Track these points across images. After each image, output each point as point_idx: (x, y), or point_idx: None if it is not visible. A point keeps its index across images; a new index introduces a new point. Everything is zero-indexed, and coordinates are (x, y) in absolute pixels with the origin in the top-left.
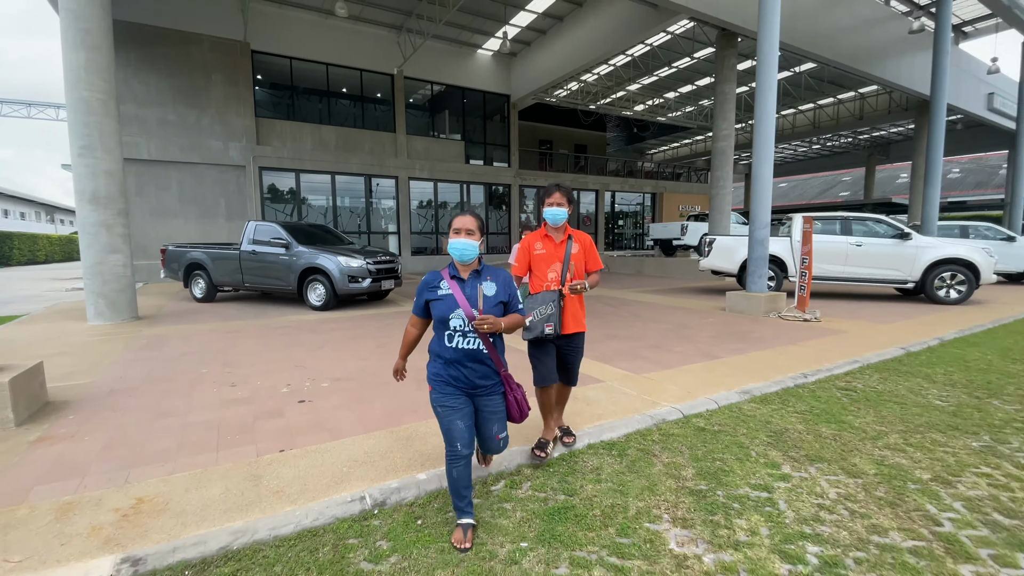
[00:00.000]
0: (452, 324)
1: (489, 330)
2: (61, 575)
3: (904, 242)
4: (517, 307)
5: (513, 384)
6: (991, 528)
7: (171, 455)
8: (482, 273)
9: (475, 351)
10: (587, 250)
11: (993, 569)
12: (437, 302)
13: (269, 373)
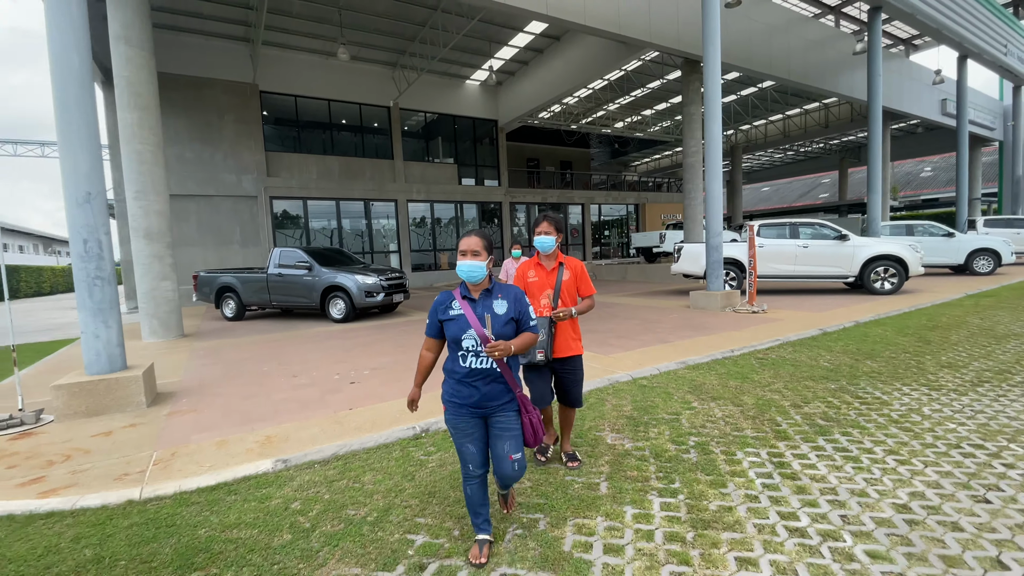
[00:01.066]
0: (465, 344)
1: (501, 355)
2: (243, 469)
3: (844, 243)
4: (529, 324)
5: (529, 406)
6: (810, 425)
7: (273, 416)
8: (493, 291)
9: (488, 371)
10: (579, 276)
11: (797, 442)
12: (450, 323)
13: (319, 367)
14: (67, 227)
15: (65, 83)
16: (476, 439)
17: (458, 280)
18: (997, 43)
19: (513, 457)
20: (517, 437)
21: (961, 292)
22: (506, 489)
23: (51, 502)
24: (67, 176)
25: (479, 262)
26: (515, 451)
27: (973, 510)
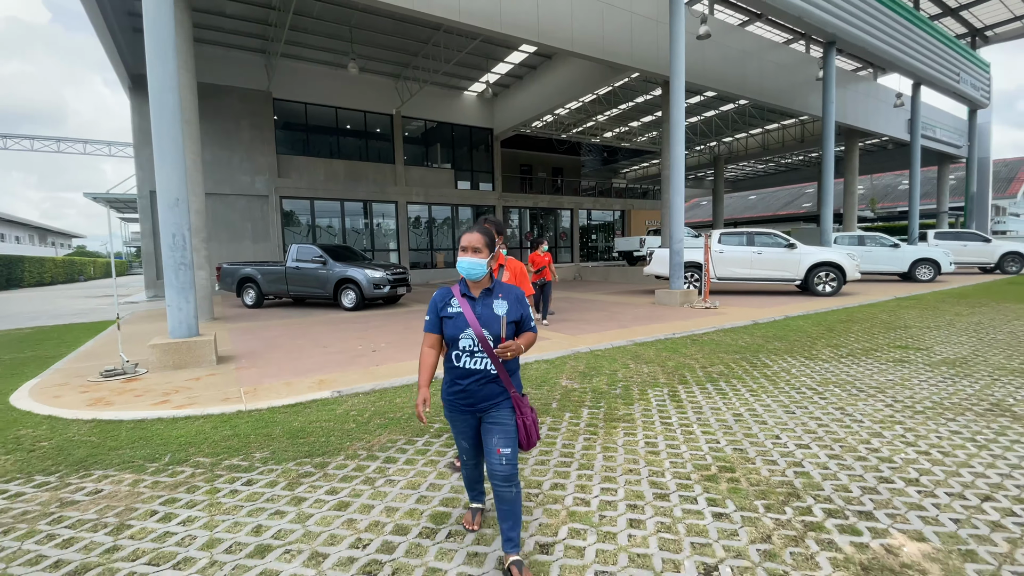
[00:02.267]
0: (461, 344)
1: (512, 356)
2: (311, 396)
3: (792, 250)
4: (530, 325)
5: (524, 407)
6: (706, 377)
7: (319, 370)
8: (494, 291)
9: (483, 371)
10: (518, 277)
11: (691, 386)
12: (448, 320)
13: (343, 341)
14: (160, 224)
15: (161, 116)
16: (469, 437)
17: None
18: (950, 72)
19: (501, 451)
20: (507, 432)
21: (892, 296)
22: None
23: (185, 411)
24: (161, 185)
25: (480, 259)
26: (504, 446)
27: (783, 417)
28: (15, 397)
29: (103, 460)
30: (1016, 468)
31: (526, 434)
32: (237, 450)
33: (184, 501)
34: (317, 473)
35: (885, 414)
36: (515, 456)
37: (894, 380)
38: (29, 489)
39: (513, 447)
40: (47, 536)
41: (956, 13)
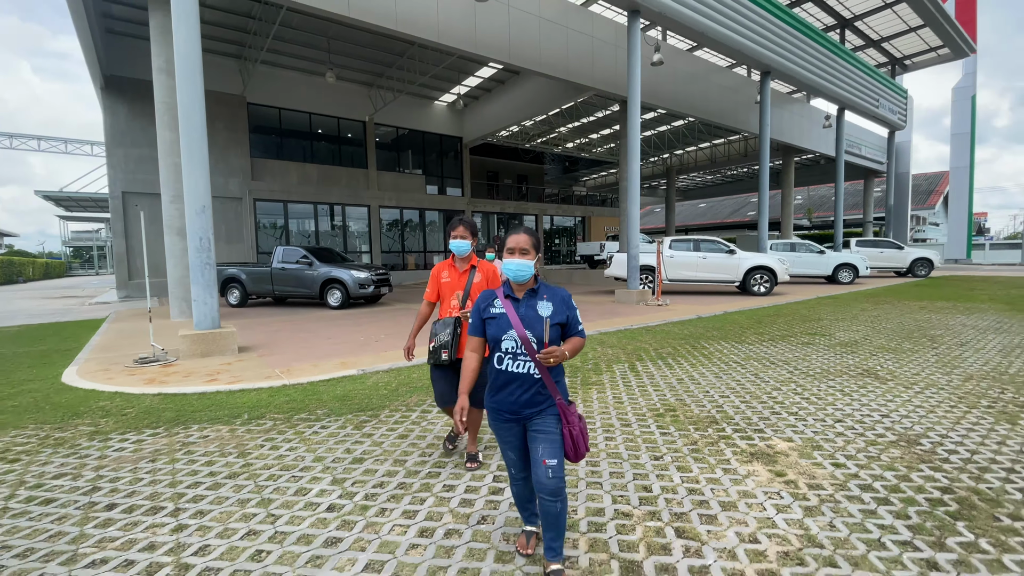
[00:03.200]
0: (504, 346)
1: (556, 362)
2: (339, 373)
3: (732, 255)
4: (578, 328)
5: (571, 416)
6: (659, 357)
7: (334, 356)
8: (538, 292)
9: (526, 375)
10: (490, 280)
11: (647, 363)
12: (491, 321)
13: (343, 334)
14: (188, 229)
15: (190, 134)
16: (515, 447)
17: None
18: (869, 98)
19: (547, 462)
20: (553, 442)
21: (815, 295)
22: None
23: (238, 385)
24: (189, 193)
25: (528, 261)
26: (550, 456)
27: (713, 380)
28: (67, 379)
29: (192, 419)
30: (865, 406)
31: (573, 445)
32: (300, 409)
33: (280, 439)
34: (373, 420)
35: (786, 377)
36: (562, 468)
37: (798, 356)
38: (147, 437)
39: (559, 458)
40: (189, 460)
41: (878, 44)
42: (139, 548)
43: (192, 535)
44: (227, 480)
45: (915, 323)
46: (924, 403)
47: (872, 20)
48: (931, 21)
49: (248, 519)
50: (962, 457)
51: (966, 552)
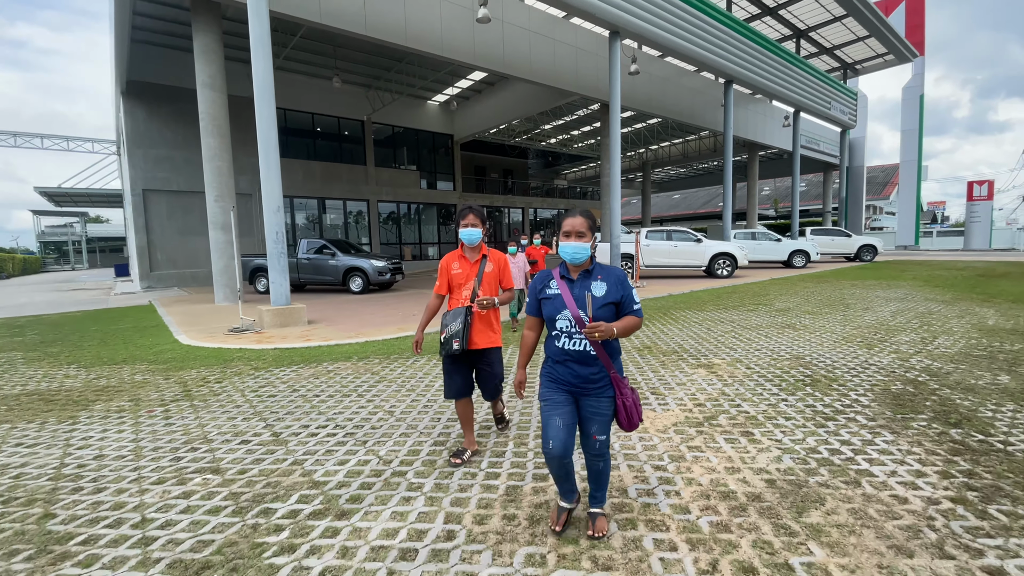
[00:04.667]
0: (559, 325)
1: (601, 337)
2: (401, 334)
3: (699, 244)
4: (632, 308)
5: (624, 388)
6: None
7: (386, 324)
8: (593, 272)
9: (582, 352)
10: (501, 269)
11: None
12: (546, 301)
13: (384, 312)
14: (265, 224)
15: (267, 148)
16: (565, 412)
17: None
18: (822, 101)
19: (597, 437)
20: (605, 421)
21: (769, 277)
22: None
23: (330, 342)
24: (267, 196)
25: (584, 243)
26: (600, 433)
27: (677, 332)
28: (188, 343)
29: (318, 360)
30: (779, 344)
31: (627, 415)
32: (391, 353)
33: (393, 366)
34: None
35: (729, 329)
36: (608, 439)
37: (743, 317)
38: (298, 369)
39: (608, 433)
40: (341, 377)
41: (831, 52)
42: (347, 415)
43: (376, 408)
44: (377, 384)
45: (840, 296)
46: (819, 342)
47: (824, 31)
48: (875, 32)
49: (402, 398)
50: (826, 364)
51: (806, 394)
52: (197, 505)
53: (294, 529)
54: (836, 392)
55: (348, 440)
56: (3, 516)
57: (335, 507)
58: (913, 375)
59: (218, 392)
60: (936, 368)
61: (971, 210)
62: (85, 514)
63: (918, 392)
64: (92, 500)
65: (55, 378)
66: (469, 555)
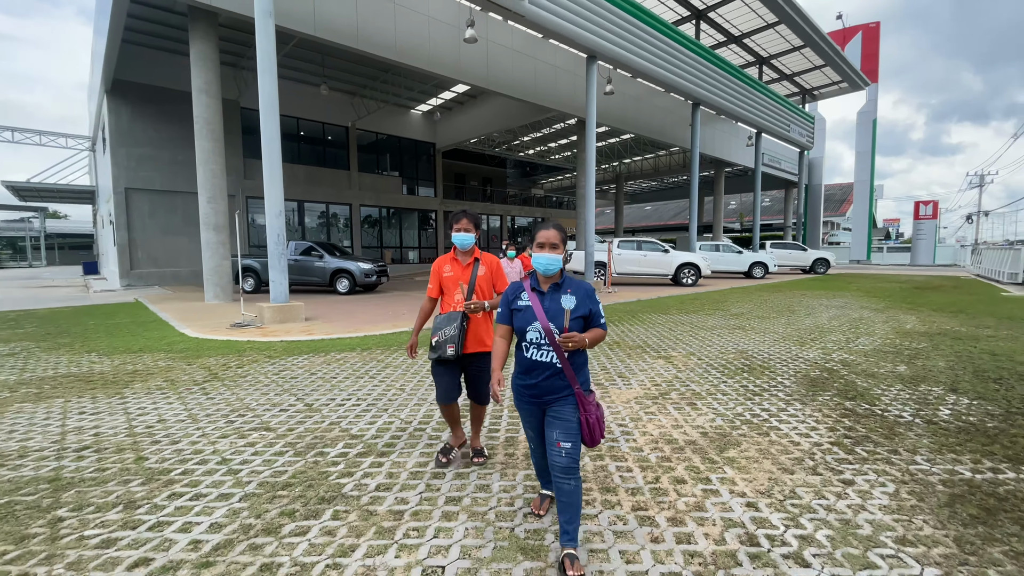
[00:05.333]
0: (529, 336)
1: (574, 347)
2: (396, 329)
3: (666, 254)
4: (599, 321)
5: (588, 405)
6: (609, 321)
7: (380, 322)
8: (563, 286)
9: (548, 364)
10: (494, 272)
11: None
12: (518, 313)
13: (375, 311)
14: (267, 227)
15: (271, 156)
16: (535, 426)
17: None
18: (781, 124)
19: (561, 444)
20: (568, 428)
21: (729, 287)
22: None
23: (333, 336)
24: (269, 200)
25: (556, 255)
26: (564, 440)
27: (642, 330)
28: (195, 336)
29: (326, 350)
30: (729, 341)
31: (589, 432)
32: (390, 345)
33: (395, 356)
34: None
35: (688, 330)
36: (576, 450)
37: (701, 320)
38: (309, 358)
39: (574, 442)
40: (351, 363)
41: (791, 78)
42: (365, 391)
43: (388, 386)
44: (384, 369)
45: (788, 304)
46: (761, 340)
47: (785, 59)
48: (831, 62)
49: (396, 393)
50: (764, 357)
51: (743, 378)
52: (263, 451)
53: (347, 464)
54: (767, 377)
55: (371, 408)
56: (103, 459)
57: (375, 450)
58: (831, 365)
59: (244, 375)
60: (851, 360)
61: (917, 228)
62: (172, 457)
63: (831, 377)
64: (172, 448)
65: (81, 364)
66: (483, 475)
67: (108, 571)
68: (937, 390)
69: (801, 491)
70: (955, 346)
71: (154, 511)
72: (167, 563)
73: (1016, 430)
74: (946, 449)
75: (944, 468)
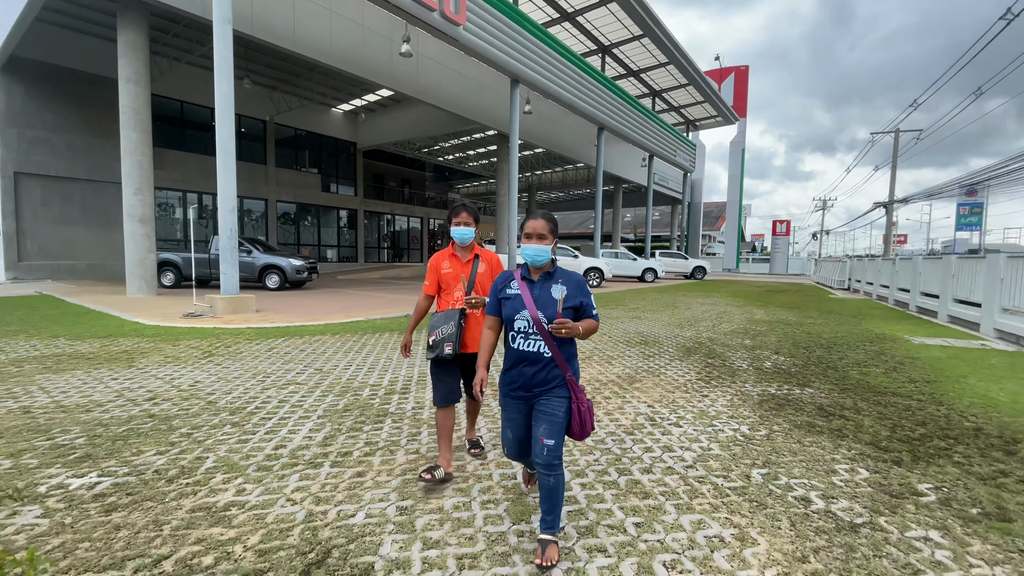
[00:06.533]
0: (517, 325)
1: (567, 335)
2: (355, 319)
3: (576, 259)
4: (591, 312)
5: (579, 392)
6: None
7: (332, 313)
8: (554, 275)
9: (536, 353)
10: (494, 269)
11: None
12: (506, 302)
13: (318, 306)
14: (220, 223)
15: (225, 157)
16: (517, 425)
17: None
18: (669, 149)
19: (545, 442)
20: (555, 423)
21: (627, 288)
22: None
23: (296, 323)
24: (222, 195)
25: (545, 246)
26: (548, 437)
27: None
28: (153, 323)
29: (298, 335)
30: (628, 327)
31: (580, 421)
32: (356, 331)
33: (367, 339)
34: (397, 332)
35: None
36: (559, 447)
37: (608, 312)
38: (285, 340)
39: (558, 439)
40: (329, 345)
41: (678, 110)
42: (359, 360)
43: (377, 358)
44: (363, 348)
45: (672, 301)
46: (653, 326)
47: (673, 93)
48: (709, 99)
49: (387, 361)
50: (655, 335)
51: (641, 348)
52: (307, 395)
53: (381, 399)
54: (657, 347)
55: (374, 369)
56: (178, 404)
57: (396, 391)
58: (700, 340)
59: (238, 352)
60: (714, 337)
61: (775, 243)
62: (237, 401)
63: (700, 347)
64: (230, 397)
65: (61, 346)
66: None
67: (256, 454)
68: (766, 352)
69: (678, 399)
70: (785, 329)
71: (258, 427)
72: (297, 446)
73: (806, 372)
74: (763, 381)
75: (759, 389)
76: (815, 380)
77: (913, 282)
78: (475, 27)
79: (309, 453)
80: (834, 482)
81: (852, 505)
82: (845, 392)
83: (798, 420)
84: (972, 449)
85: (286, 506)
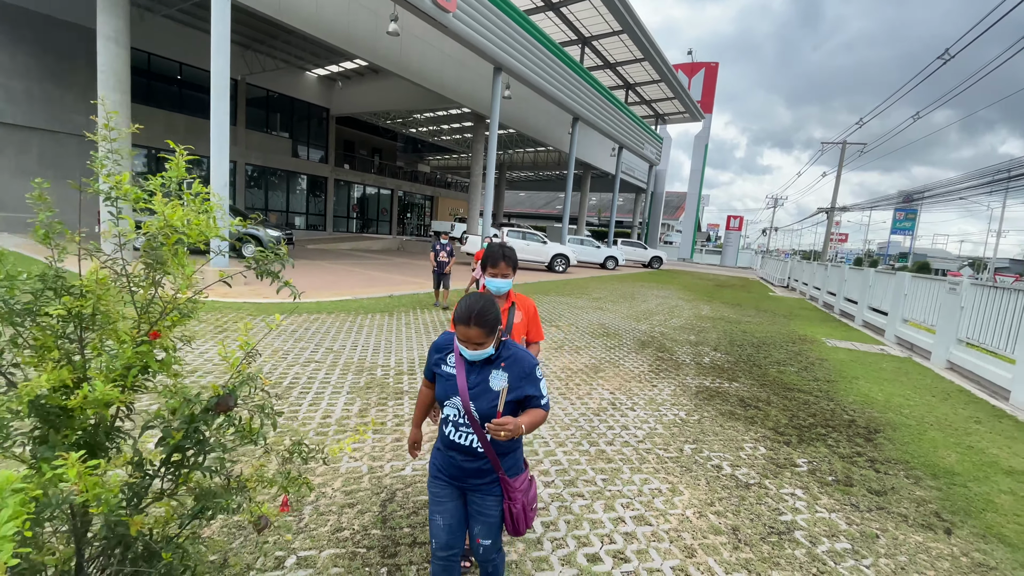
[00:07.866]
0: (446, 411)
1: (507, 438)
2: (350, 296)
3: (544, 245)
4: (540, 402)
5: (514, 493)
6: None
7: (318, 288)
8: (498, 358)
9: (468, 447)
10: (530, 319)
11: None
12: (440, 378)
13: (299, 283)
14: None
15: (219, 138)
16: (446, 511)
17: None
18: (637, 141)
19: (481, 541)
20: (490, 523)
21: (591, 275)
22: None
23: (289, 300)
24: (215, 169)
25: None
26: (484, 537)
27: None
28: None
29: (296, 313)
30: (591, 316)
31: (512, 522)
32: (348, 311)
33: (360, 318)
34: (412, 312)
35: (566, 308)
36: (498, 542)
37: (571, 300)
38: (285, 317)
39: (494, 538)
40: (336, 325)
41: (649, 104)
42: (363, 342)
43: (389, 331)
44: (362, 328)
45: (631, 292)
46: (613, 317)
47: (646, 88)
48: (678, 96)
49: (387, 343)
50: (615, 327)
51: (603, 339)
52: (329, 373)
53: (394, 379)
54: (617, 339)
55: (379, 351)
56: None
57: (405, 370)
58: (653, 334)
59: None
60: (665, 332)
61: (727, 237)
62: (271, 375)
63: (653, 341)
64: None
65: None
66: None
67: (310, 422)
68: (707, 348)
69: (633, 388)
70: (726, 327)
71: (299, 400)
72: (340, 416)
73: (736, 368)
74: (701, 375)
75: (697, 382)
76: (741, 376)
77: (839, 287)
78: (464, 15)
79: (352, 422)
80: (740, 455)
81: (750, 472)
82: (763, 387)
83: (723, 409)
84: (842, 436)
85: (350, 462)
